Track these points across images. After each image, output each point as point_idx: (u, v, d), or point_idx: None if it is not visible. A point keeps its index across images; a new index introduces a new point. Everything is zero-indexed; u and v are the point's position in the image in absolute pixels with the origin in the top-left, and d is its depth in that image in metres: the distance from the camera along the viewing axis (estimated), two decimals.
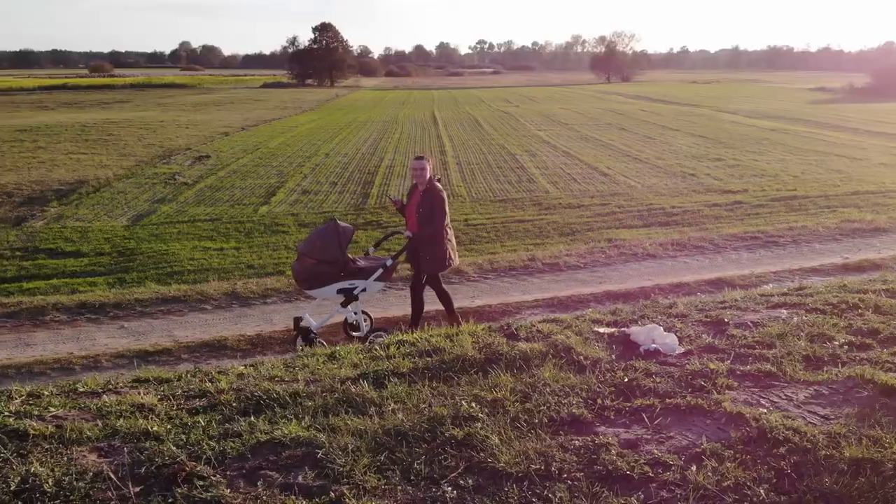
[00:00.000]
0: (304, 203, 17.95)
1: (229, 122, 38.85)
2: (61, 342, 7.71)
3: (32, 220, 16.83)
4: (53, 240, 14.82)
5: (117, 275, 12.32)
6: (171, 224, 16.15)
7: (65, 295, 10.15)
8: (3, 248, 14.37)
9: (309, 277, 7.05)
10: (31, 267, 13.09)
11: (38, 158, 25.24)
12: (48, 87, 78.12)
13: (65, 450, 2.87)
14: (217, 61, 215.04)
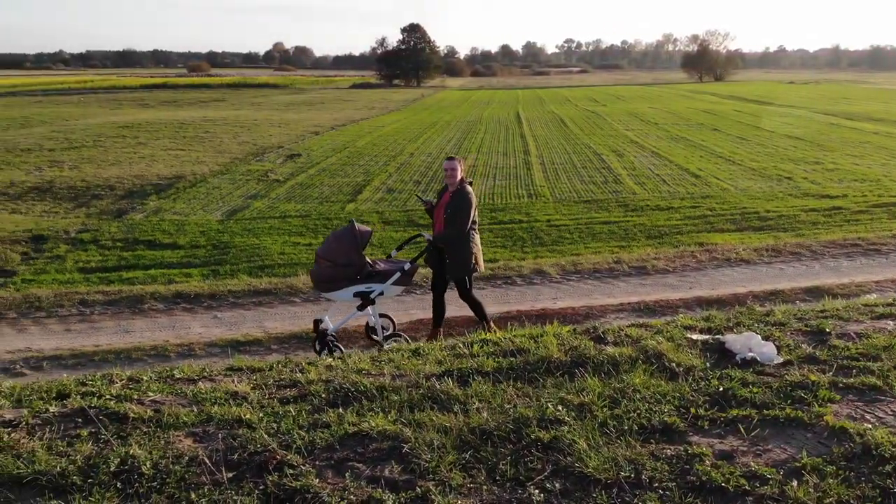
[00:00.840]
0: (388, 201, 18.17)
1: (320, 121, 39.77)
2: (158, 330, 8.06)
3: (133, 213, 17.67)
4: (152, 232, 15.50)
5: (211, 267, 12.78)
6: (263, 219, 16.64)
7: (162, 285, 10.60)
8: (106, 238, 15.14)
9: (325, 280, 7.03)
10: (131, 257, 13.74)
11: (138, 154, 26.49)
12: (149, 85, 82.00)
13: (162, 434, 2.98)
14: (309, 62, 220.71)
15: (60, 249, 14.13)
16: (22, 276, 12.15)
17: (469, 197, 7.35)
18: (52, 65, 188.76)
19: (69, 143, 29.50)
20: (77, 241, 14.84)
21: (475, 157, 25.27)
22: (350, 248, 6.89)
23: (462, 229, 7.22)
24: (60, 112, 45.15)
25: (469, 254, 7.31)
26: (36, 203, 19.41)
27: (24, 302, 9.19)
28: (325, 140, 31.38)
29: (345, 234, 7.04)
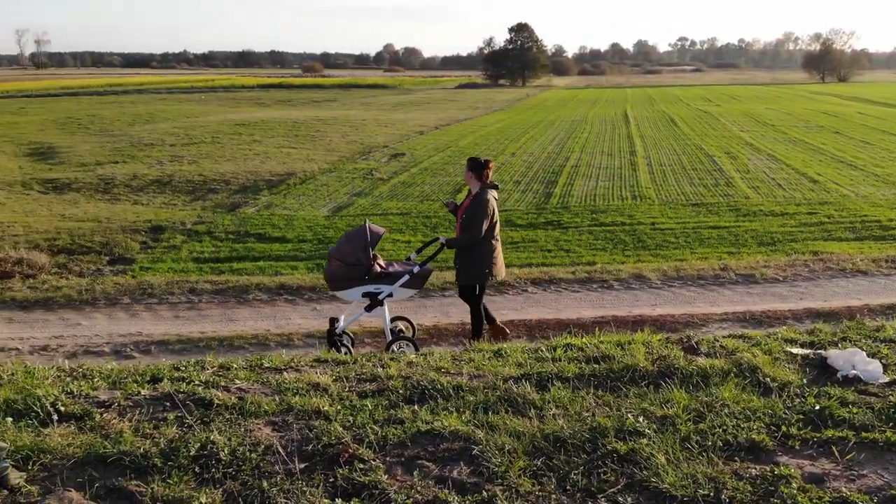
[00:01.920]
0: None
1: (424, 121, 40.27)
2: (260, 319, 8.37)
3: (245, 207, 18.45)
4: (262, 226, 16.12)
5: (316, 260, 13.16)
6: (366, 216, 17.01)
7: (267, 276, 11.01)
8: (219, 230, 15.87)
9: (335, 279, 7.07)
10: (242, 249, 14.34)
11: (253, 151, 27.62)
12: (265, 85, 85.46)
13: (243, 421, 3.09)
14: (417, 63, 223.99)
15: (177, 240, 14.92)
16: (140, 264, 12.89)
17: (485, 204, 7.11)
18: (177, 64, 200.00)
19: (189, 140, 31.13)
20: (192, 232, 15.61)
21: (578, 157, 24.89)
22: (359, 249, 6.92)
23: (476, 236, 7.06)
24: (183, 109, 47.76)
25: (481, 261, 7.15)
26: (156, 195, 20.60)
27: (139, 288, 9.77)
28: (429, 140, 31.73)
29: (356, 234, 7.09)
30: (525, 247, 13.18)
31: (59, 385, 3.43)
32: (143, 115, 42.87)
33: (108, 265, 12.79)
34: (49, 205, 19.10)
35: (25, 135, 34.23)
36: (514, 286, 9.62)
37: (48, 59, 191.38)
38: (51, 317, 8.67)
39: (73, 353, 7.41)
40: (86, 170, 23.86)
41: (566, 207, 16.74)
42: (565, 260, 11.78)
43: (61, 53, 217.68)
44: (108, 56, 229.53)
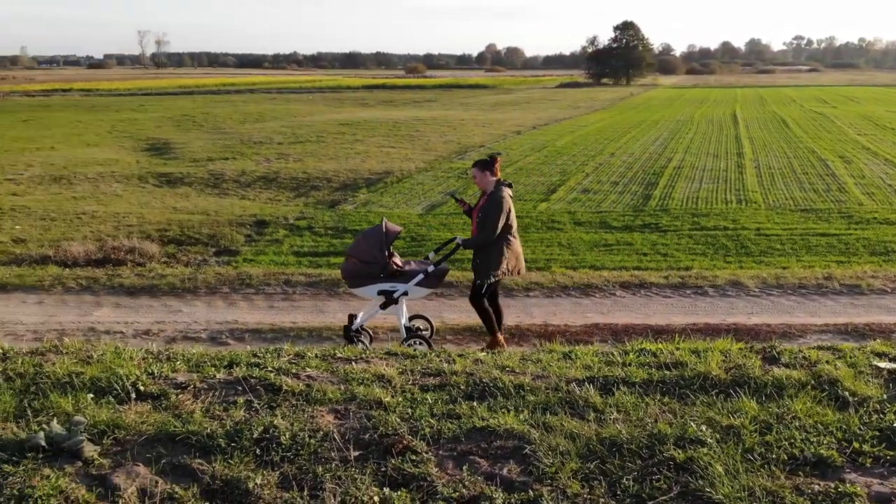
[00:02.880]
0: (582, 202, 17.92)
1: (522, 121, 40.13)
2: (349, 311, 8.58)
3: (344, 204, 18.97)
4: (359, 222, 16.51)
5: (406, 257, 13.31)
6: (458, 215, 17.10)
7: None
8: (319, 226, 16.38)
9: (352, 276, 7.16)
10: (339, 244, 14.74)
11: (354, 150, 28.31)
12: (370, 86, 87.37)
13: (307, 407, 3.20)
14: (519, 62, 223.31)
15: (279, 234, 15.50)
16: (244, 256, 13.46)
17: (500, 202, 7.05)
18: (287, 65, 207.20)
19: (295, 138, 32.22)
20: (294, 227, 16.17)
21: (681, 158, 24.16)
22: (375, 247, 6.98)
23: (491, 235, 7.03)
24: (291, 109, 49.48)
25: (496, 259, 7.09)
26: (262, 191, 21.47)
27: (238, 279, 10.22)
28: (526, 139, 31.60)
29: (372, 232, 7.15)
30: (619, 250, 12.93)
31: (143, 366, 3.65)
32: (253, 114, 44.68)
33: (213, 256, 13.40)
34: (162, 197, 20.23)
35: (144, 131, 36.36)
36: (601, 289, 9.46)
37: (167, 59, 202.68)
38: (154, 303, 9.20)
39: (172, 338, 7.83)
40: (197, 165, 25.09)
41: (666, 210, 16.30)
42: (662, 264, 11.48)
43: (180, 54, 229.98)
44: (223, 56, 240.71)
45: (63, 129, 36.35)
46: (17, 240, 14.41)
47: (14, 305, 8.95)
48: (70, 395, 3.22)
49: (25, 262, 12.27)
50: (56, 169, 23.58)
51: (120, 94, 70.44)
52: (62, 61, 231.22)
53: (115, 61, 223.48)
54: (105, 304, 9.02)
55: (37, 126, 38.10)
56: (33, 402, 3.16)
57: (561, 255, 12.73)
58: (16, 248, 13.70)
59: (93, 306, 9.01)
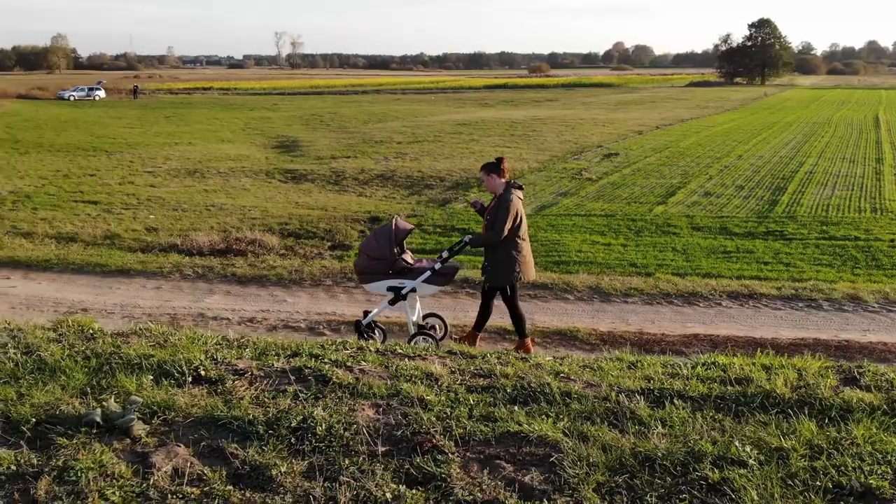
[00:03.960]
0: (702, 206, 17.21)
1: (645, 120, 39.02)
2: (442, 309, 8.63)
3: (454, 203, 19.13)
4: (467, 221, 16.59)
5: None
6: (568, 216, 16.88)
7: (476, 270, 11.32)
8: (428, 224, 16.62)
9: (363, 272, 7.33)
10: (446, 243, 14.88)
11: (469, 149, 28.49)
12: (491, 86, 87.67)
13: (350, 400, 3.23)
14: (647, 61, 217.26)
15: None
16: (356, 251, 13.84)
17: (508, 204, 7.01)
18: (414, 66, 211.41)
19: (414, 138, 32.81)
20: None
21: (814, 163, 22.70)
22: (384, 244, 7.11)
23: (497, 237, 7.01)
24: (413, 109, 50.43)
25: (508, 262, 7.08)
26: (378, 189, 22.01)
27: (341, 272, 10.52)
28: (647, 140, 30.70)
29: (382, 230, 7.31)
30: (739, 257, 12.33)
31: (212, 352, 3.82)
32: (377, 114, 45.88)
33: (328, 250, 13.86)
34: (286, 193, 21.13)
35: (275, 129, 38.13)
36: (706, 298, 9.02)
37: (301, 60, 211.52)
38: (262, 292, 9.62)
39: (273, 326, 8.15)
40: (321, 163, 26.03)
41: (792, 217, 15.39)
42: (783, 274, 10.84)
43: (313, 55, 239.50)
44: (353, 58, 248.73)
45: (201, 126, 38.73)
46: (150, 228, 15.48)
47: (134, 290, 9.62)
48: (135, 375, 3.42)
49: (155, 249, 13.17)
50: (191, 163, 25.15)
51: (255, 94, 74.24)
52: (205, 61, 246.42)
53: (253, 62, 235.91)
54: (217, 291, 9.52)
55: (177, 122, 40.80)
56: (102, 380, 3.38)
57: (674, 261, 12.29)
58: (148, 235, 14.72)
59: (205, 293, 9.53)
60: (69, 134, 34.02)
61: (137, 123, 39.99)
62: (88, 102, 58.95)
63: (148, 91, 73.21)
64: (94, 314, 8.43)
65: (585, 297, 8.97)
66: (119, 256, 11.48)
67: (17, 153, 27.33)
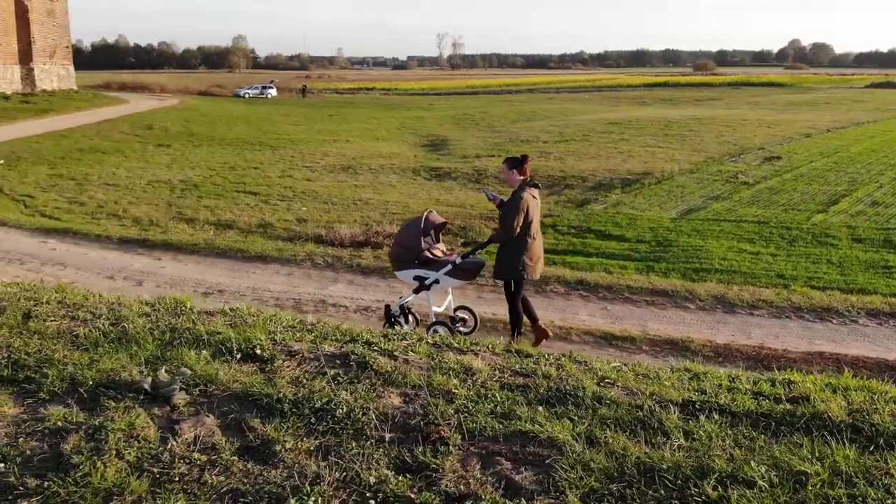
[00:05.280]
0: (867, 216, 15.80)
1: (815, 123, 36.27)
2: (550, 311, 8.50)
3: (594, 204, 18.77)
4: (605, 223, 16.26)
5: (648, 262, 12.90)
6: (716, 222, 16.10)
7: (569, 270, 11.13)
8: (563, 224, 16.43)
9: (394, 260, 7.66)
10: (579, 244, 14.67)
11: (618, 149, 27.80)
12: (650, 84, 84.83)
13: (381, 388, 3.27)
14: (826, 60, 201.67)
15: None
16: (488, 250, 13.94)
17: (518, 201, 7.15)
18: (572, 64, 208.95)
19: (561, 137, 32.49)
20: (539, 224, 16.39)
21: None
22: (413, 234, 7.40)
23: (508, 233, 7.18)
24: (565, 108, 49.88)
25: (515, 258, 7.22)
26: None
27: None
28: (815, 143, 28.55)
29: (413, 222, 7.62)
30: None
31: (278, 333, 4.01)
32: (527, 113, 45.84)
33: (460, 246, 14.08)
34: (429, 190, 21.65)
35: (427, 128, 39.11)
36: (842, 314, 8.27)
37: (461, 61, 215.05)
38: (381, 283, 9.92)
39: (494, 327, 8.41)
40: (465, 161, 26.42)
41: None
42: None
43: (473, 55, 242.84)
44: (512, 58, 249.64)
45: (360, 124, 40.47)
46: (300, 219, 16.43)
47: (268, 275, 10.25)
48: (196, 350, 3.66)
49: (301, 238, 13.98)
50: (346, 160, 26.36)
51: (414, 94, 76.44)
52: (371, 62, 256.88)
53: (416, 63, 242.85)
54: (341, 280, 9.94)
55: (339, 120, 42.87)
56: (167, 352, 3.66)
57: (827, 274, 11.43)
58: (297, 226, 15.64)
59: (330, 281, 9.98)
60: (239, 129, 36.71)
61: (303, 121, 42.43)
62: (261, 100, 63.24)
63: (315, 90, 77.35)
64: (229, 295, 9.08)
65: (707, 307, 8.51)
66: (260, 243, 12.26)
67: (191, 145, 29.87)
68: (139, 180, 21.13)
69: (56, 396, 3.10)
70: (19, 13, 45.27)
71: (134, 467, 2.55)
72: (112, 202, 17.82)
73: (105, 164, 23.98)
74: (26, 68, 46.08)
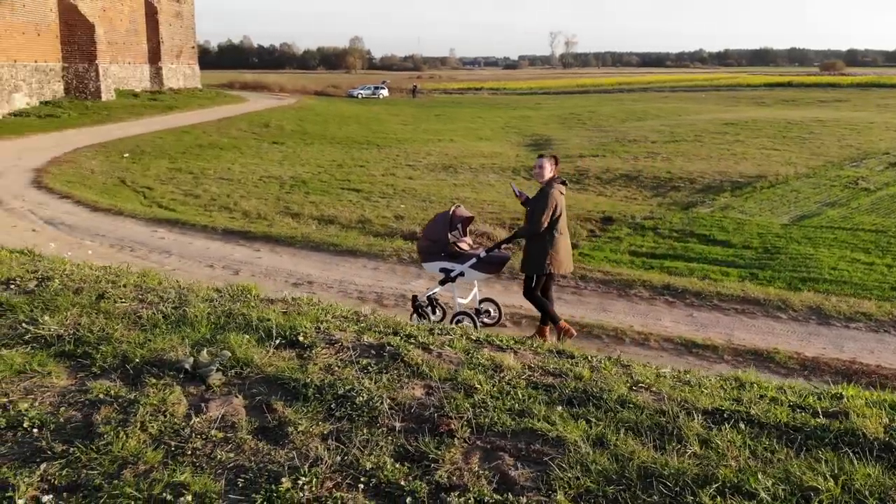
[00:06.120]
0: None
1: None
2: (631, 315, 8.27)
3: (700, 207, 18.11)
4: (709, 227, 15.67)
5: (752, 270, 12.37)
6: (830, 229, 15.23)
7: (656, 273, 10.80)
8: (665, 227, 15.94)
9: (421, 252, 7.91)
10: (680, 248, 14.20)
11: (730, 151, 26.69)
12: (771, 84, 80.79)
13: (407, 379, 3.28)
14: None
15: (622, 232, 15.48)
16: (580, 250, 13.77)
17: (546, 198, 7.24)
18: (690, 63, 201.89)
19: (671, 137, 31.53)
20: (639, 226, 15.99)
21: None
22: (440, 228, 7.63)
23: (534, 228, 7.25)
24: (678, 108, 48.33)
25: (540, 253, 7.28)
26: (620, 189, 21.55)
27: None
28: None
29: (442, 215, 7.80)
30: None
31: (324, 322, 4.11)
32: (637, 112, 44.74)
33: None
34: (527, 189, 21.48)
35: (532, 127, 38.93)
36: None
37: (574, 60, 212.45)
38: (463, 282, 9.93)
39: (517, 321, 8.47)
40: (567, 161, 26.10)
41: None
42: None
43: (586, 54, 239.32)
44: (627, 56, 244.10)
45: (464, 124, 40.76)
46: (398, 216, 16.75)
47: (356, 269, 10.51)
48: (244, 334, 3.81)
49: (397, 235, 14.26)
50: (448, 159, 26.62)
51: (522, 93, 76.21)
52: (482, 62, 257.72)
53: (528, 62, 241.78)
54: (424, 276, 10.03)
55: (445, 120, 43.35)
56: (217, 335, 3.83)
57: None
58: (394, 223, 15.95)
59: (413, 277, 10.12)
60: (350, 128, 37.78)
61: (410, 120, 43.18)
62: (373, 100, 64.83)
63: (425, 91, 78.48)
64: (317, 286, 9.40)
65: (800, 318, 8.04)
66: (352, 238, 12.60)
67: (303, 143, 30.99)
68: (252, 175, 22.11)
69: (105, 372, 3.34)
70: (149, 15, 48.41)
71: (154, 439, 2.71)
72: (225, 195, 18.74)
73: (221, 160, 25.25)
74: (155, 67, 49.18)
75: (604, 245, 14.67)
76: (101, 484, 2.48)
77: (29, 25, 34.96)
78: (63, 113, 33.90)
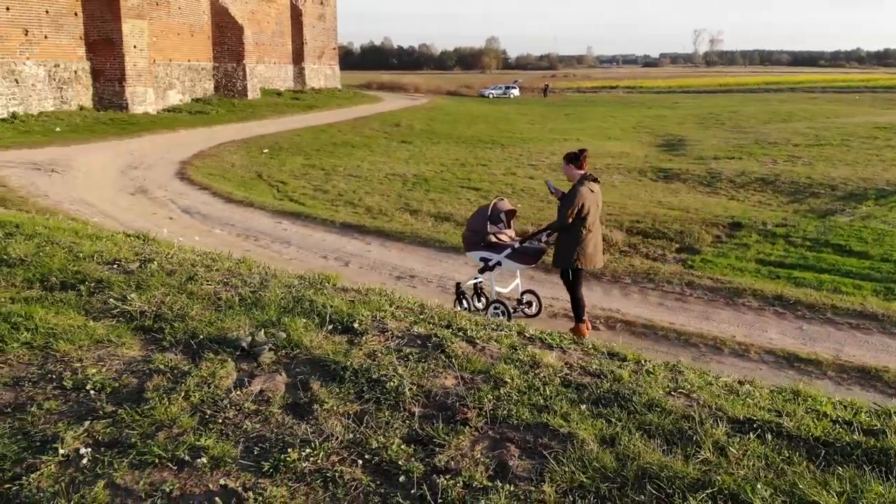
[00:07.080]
0: None
1: None
2: (735, 325, 7.91)
3: (839, 215, 16.94)
4: (847, 237, 14.67)
5: (888, 284, 11.50)
6: None
7: (769, 282, 10.24)
8: (797, 236, 15.04)
9: (465, 241, 8.27)
10: (812, 258, 13.38)
11: (880, 156, 24.81)
12: None
13: (442, 370, 3.34)
14: None
15: (750, 238, 14.76)
16: (703, 256, 13.31)
17: (574, 195, 7.41)
18: (846, 63, 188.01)
19: (815, 140, 29.67)
20: (769, 233, 15.19)
21: None
22: (480, 219, 7.98)
23: (561, 223, 7.44)
24: (827, 109, 45.25)
25: (569, 247, 7.46)
26: (754, 193, 20.52)
27: (643, 272, 10.21)
28: None
29: (483, 208, 8.15)
30: None
31: (383, 312, 4.25)
32: (782, 113, 42.34)
33: (674, 252, 13.57)
34: (652, 191, 20.98)
35: (665, 127, 37.76)
36: None
37: (718, 58, 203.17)
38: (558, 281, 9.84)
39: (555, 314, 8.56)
40: (699, 163, 25.17)
41: None
42: None
43: (732, 52, 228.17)
44: (777, 54, 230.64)
45: (594, 123, 40.14)
46: None
47: (458, 265, 10.70)
48: (304, 318, 4.02)
49: None
50: None
51: (659, 92, 73.94)
52: (620, 60, 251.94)
53: (669, 60, 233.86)
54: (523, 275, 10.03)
55: (574, 120, 42.86)
56: (282, 318, 4.06)
57: None
58: None
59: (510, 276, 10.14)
60: (477, 128, 38.15)
61: (538, 120, 43.01)
62: (504, 100, 64.99)
63: (558, 90, 77.76)
64: (417, 280, 9.66)
65: None
66: (457, 236, 12.79)
67: (430, 142, 31.64)
68: (378, 173, 22.86)
69: (173, 346, 3.65)
70: (294, 17, 50.96)
71: (194, 407, 2.95)
72: (351, 191, 19.50)
73: (352, 157, 26.26)
74: (298, 68, 51.74)
75: (729, 252, 14.03)
76: (136, 443, 2.74)
77: (183, 27, 37.83)
78: (212, 110, 36.43)
